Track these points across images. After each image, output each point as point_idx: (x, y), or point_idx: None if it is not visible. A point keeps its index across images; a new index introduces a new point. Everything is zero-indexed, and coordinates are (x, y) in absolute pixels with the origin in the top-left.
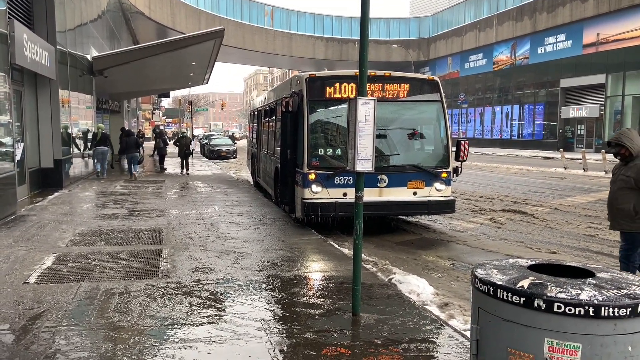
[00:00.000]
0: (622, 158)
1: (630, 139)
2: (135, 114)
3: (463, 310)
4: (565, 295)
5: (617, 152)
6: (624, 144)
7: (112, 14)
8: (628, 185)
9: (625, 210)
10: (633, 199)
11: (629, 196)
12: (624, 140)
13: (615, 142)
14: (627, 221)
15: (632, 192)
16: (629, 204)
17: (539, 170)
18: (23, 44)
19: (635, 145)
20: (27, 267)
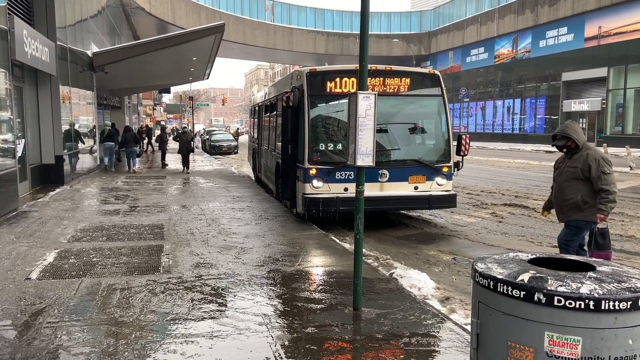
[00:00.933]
0: (567, 150)
1: (575, 131)
2: (136, 110)
3: (464, 305)
4: (566, 288)
5: (563, 145)
6: (570, 136)
7: (112, 9)
8: (575, 176)
9: (573, 201)
10: (581, 190)
11: (577, 187)
12: (570, 132)
13: (562, 134)
14: (576, 211)
15: (579, 183)
16: (577, 194)
17: (540, 164)
18: (23, 40)
19: (581, 137)
20: (29, 263)
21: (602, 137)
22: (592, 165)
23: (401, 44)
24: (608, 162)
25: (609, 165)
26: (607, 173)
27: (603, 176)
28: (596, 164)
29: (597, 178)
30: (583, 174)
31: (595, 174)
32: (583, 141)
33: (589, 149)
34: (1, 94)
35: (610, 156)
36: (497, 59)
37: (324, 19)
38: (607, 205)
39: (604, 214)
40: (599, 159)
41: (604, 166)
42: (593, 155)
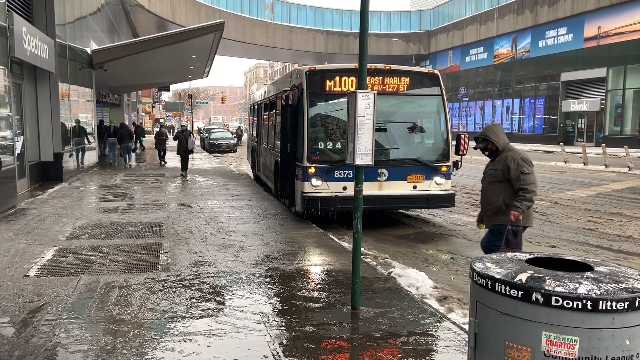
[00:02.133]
0: (489, 153)
1: (496, 134)
2: (135, 108)
3: (462, 304)
4: (563, 289)
5: (484, 147)
6: (489, 139)
7: (111, 7)
8: (497, 178)
9: (495, 205)
10: (502, 193)
11: (499, 190)
12: (489, 135)
13: (482, 137)
14: (499, 215)
15: (501, 186)
16: (500, 197)
17: (539, 164)
18: (22, 37)
19: (501, 140)
20: (28, 261)
21: (600, 137)
22: (511, 166)
23: (401, 43)
24: (528, 162)
25: (528, 166)
26: (526, 173)
27: (522, 176)
28: (515, 164)
29: (516, 179)
30: (503, 176)
31: (514, 175)
32: (503, 143)
33: (510, 150)
34: (0, 91)
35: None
36: (496, 59)
37: (323, 18)
38: (523, 203)
39: (518, 212)
40: (518, 159)
41: (523, 166)
42: (512, 156)
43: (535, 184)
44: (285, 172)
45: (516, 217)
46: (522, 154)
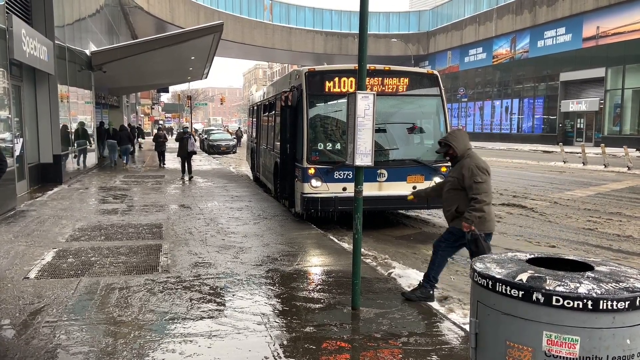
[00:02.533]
0: (450, 158)
1: (456, 139)
2: (134, 109)
3: (462, 304)
4: (564, 288)
5: (445, 152)
6: (450, 144)
7: (110, 8)
8: (454, 186)
9: (450, 212)
10: (457, 201)
11: (455, 198)
12: (450, 140)
13: (443, 142)
14: (455, 222)
15: (457, 193)
16: (454, 205)
17: (538, 164)
18: (21, 39)
19: (461, 146)
20: (27, 263)
21: (600, 137)
22: (465, 174)
23: (400, 43)
24: (483, 170)
25: (482, 174)
26: (479, 182)
27: (474, 185)
28: (469, 172)
29: (469, 187)
30: (459, 184)
31: (467, 183)
32: (463, 149)
33: (468, 157)
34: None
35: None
36: (495, 59)
37: (322, 19)
38: (472, 214)
39: (468, 223)
40: (473, 167)
41: (477, 175)
42: (468, 164)
43: (487, 194)
44: (284, 173)
45: (467, 228)
46: (478, 162)
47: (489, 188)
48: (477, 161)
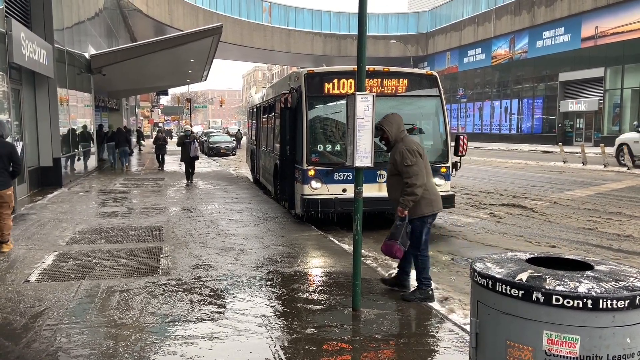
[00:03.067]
0: (385, 143)
1: (389, 123)
2: (134, 112)
3: (463, 305)
4: (564, 287)
5: (381, 137)
6: (383, 128)
7: (109, 11)
8: (392, 172)
9: (395, 199)
10: (399, 187)
11: (396, 184)
12: (384, 124)
13: (378, 125)
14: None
15: (396, 179)
16: (398, 191)
17: (538, 164)
18: (21, 43)
19: (394, 130)
20: (28, 266)
21: (599, 137)
22: (397, 159)
23: (398, 44)
24: (413, 152)
25: (412, 157)
26: (408, 165)
27: (405, 169)
28: (400, 156)
29: (401, 171)
30: (395, 169)
31: (400, 168)
32: (396, 134)
33: (401, 141)
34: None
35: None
36: (494, 60)
37: (321, 20)
38: (405, 198)
39: (402, 207)
40: (404, 150)
41: (406, 158)
42: (399, 148)
43: (418, 176)
44: (284, 174)
45: (401, 212)
46: (409, 145)
47: (420, 170)
48: (409, 144)
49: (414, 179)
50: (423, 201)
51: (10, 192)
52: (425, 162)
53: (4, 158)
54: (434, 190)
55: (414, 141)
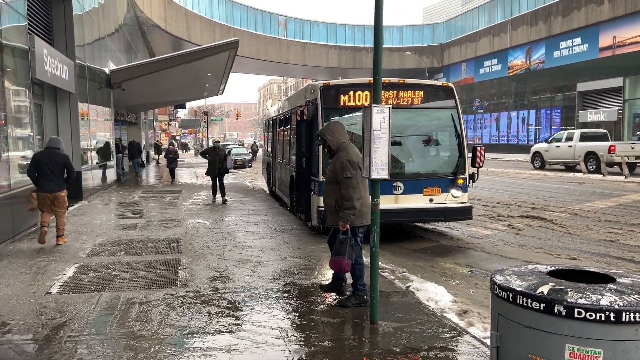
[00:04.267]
0: (328, 151)
1: (330, 132)
2: (152, 125)
3: (482, 318)
4: (586, 300)
5: (323, 145)
6: (325, 137)
7: (128, 27)
8: (330, 179)
9: (329, 206)
10: (335, 193)
11: (332, 191)
12: (325, 132)
13: (319, 134)
14: (333, 216)
15: (334, 187)
16: (333, 198)
17: (557, 175)
18: (43, 59)
19: (336, 139)
20: (50, 278)
21: None
22: (337, 169)
23: (414, 56)
24: (352, 164)
25: (351, 169)
26: (348, 177)
27: (344, 181)
28: (340, 167)
29: (340, 182)
30: (335, 177)
31: (339, 178)
32: (338, 143)
33: (343, 150)
34: (22, 112)
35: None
36: (510, 70)
37: (336, 33)
38: (345, 212)
39: (343, 221)
40: (344, 161)
41: (346, 170)
42: (341, 158)
43: (356, 189)
44: (300, 186)
45: (343, 226)
46: (350, 156)
47: (357, 183)
48: (350, 155)
49: (351, 192)
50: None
51: (64, 194)
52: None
53: (60, 166)
54: (366, 202)
55: (355, 152)
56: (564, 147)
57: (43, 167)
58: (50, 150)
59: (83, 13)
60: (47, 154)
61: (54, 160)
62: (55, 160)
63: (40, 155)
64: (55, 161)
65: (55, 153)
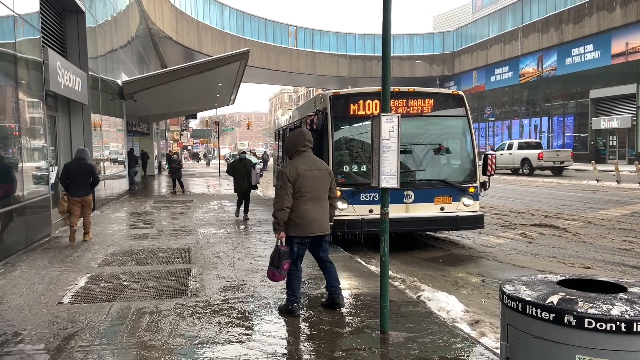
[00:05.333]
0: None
1: (289, 141)
2: (164, 136)
3: (494, 328)
4: (596, 310)
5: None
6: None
7: (141, 39)
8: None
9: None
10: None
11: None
12: (285, 141)
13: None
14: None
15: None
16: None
17: (570, 183)
18: (57, 71)
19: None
20: (61, 288)
21: (634, 154)
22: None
23: (424, 65)
24: (283, 175)
25: (280, 180)
26: (276, 187)
27: (275, 190)
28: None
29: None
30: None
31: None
32: (291, 151)
33: (292, 159)
34: (36, 123)
35: None
36: (522, 78)
37: (346, 43)
38: (273, 222)
39: (275, 231)
40: (279, 172)
41: (278, 180)
42: (281, 169)
43: (278, 200)
44: None
45: (276, 235)
46: (287, 166)
47: (282, 194)
48: (289, 165)
49: (275, 203)
50: (290, 223)
51: (90, 198)
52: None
53: (86, 174)
54: (306, 215)
55: (304, 162)
56: (506, 154)
57: (72, 175)
58: (78, 161)
59: (96, 26)
60: (75, 164)
61: (81, 169)
62: (82, 168)
63: (70, 164)
64: (82, 170)
65: (82, 163)
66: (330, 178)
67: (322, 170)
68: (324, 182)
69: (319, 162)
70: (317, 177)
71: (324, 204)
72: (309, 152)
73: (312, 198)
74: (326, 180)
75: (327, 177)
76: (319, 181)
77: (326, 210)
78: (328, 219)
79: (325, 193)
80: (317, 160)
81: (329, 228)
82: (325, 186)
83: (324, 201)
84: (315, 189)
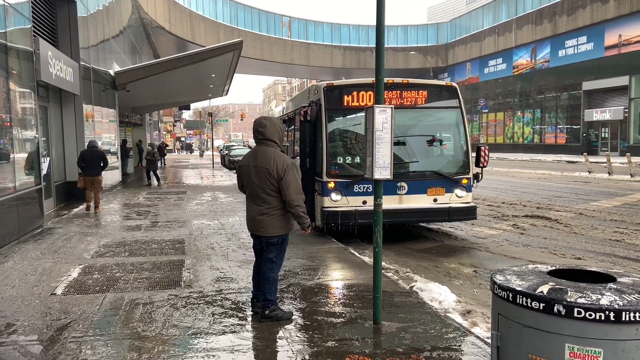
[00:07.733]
0: None
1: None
2: (157, 127)
3: (486, 318)
4: (585, 300)
5: None
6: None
7: (133, 29)
8: None
9: None
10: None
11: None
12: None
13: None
14: None
15: None
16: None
17: (562, 174)
18: (48, 61)
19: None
20: (54, 279)
21: (625, 146)
22: None
23: (418, 56)
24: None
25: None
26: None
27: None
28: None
29: None
30: None
31: None
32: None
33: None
34: (27, 114)
35: (634, 166)
36: (515, 70)
37: (340, 34)
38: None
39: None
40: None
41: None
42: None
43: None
44: (304, 187)
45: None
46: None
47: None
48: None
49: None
50: None
51: (100, 178)
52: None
53: (98, 159)
54: (248, 209)
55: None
56: None
57: (87, 159)
58: (91, 149)
59: (87, 15)
60: (89, 151)
61: (94, 155)
62: (95, 154)
63: (85, 151)
64: (95, 155)
65: (95, 150)
66: (270, 177)
67: (260, 168)
68: (261, 180)
69: (264, 158)
70: (251, 172)
71: (262, 203)
72: (261, 144)
73: (250, 195)
74: (263, 178)
75: (264, 174)
76: (254, 177)
77: (263, 211)
78: (267, 221)
79: (264, 192)
80: (265, 155)
81: (266, 231)
82: (263, 184)
83: (261, 200)
84: (250, 186)
